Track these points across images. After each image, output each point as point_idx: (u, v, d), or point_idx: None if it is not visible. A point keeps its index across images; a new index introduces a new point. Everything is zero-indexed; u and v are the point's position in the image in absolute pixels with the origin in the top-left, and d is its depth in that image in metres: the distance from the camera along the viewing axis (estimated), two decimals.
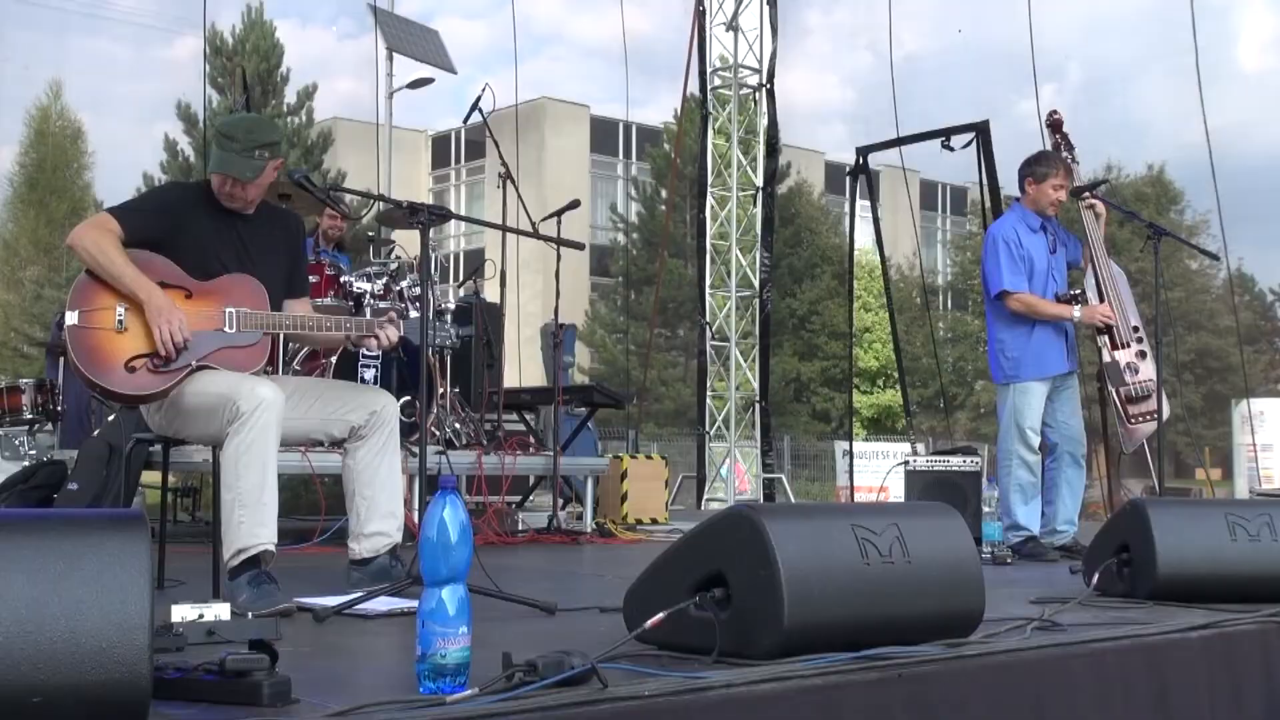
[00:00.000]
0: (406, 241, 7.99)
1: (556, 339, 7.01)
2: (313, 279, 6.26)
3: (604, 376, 26.07)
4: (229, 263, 3.84)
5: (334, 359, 6.50)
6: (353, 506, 3.94)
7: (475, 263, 30.22)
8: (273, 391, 3.58)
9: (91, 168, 27.86)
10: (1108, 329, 5.91)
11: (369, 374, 6.74)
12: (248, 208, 3.94)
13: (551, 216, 6.78)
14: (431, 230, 4.53)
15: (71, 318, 3.63)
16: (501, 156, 7.01)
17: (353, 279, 6.73)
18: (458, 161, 39.31)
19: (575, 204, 6.81)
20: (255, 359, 3.82)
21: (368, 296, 6.69)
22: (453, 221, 4.32)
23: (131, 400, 3.76)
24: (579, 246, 4.78)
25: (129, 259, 3.68)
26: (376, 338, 3.97)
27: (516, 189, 6.91)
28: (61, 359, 7.64)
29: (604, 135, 37.11)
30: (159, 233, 3.74)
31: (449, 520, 2.30)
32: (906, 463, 6.57)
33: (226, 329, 3.76)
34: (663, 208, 28.52)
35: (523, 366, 13.73)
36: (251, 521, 3.53)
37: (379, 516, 3.91)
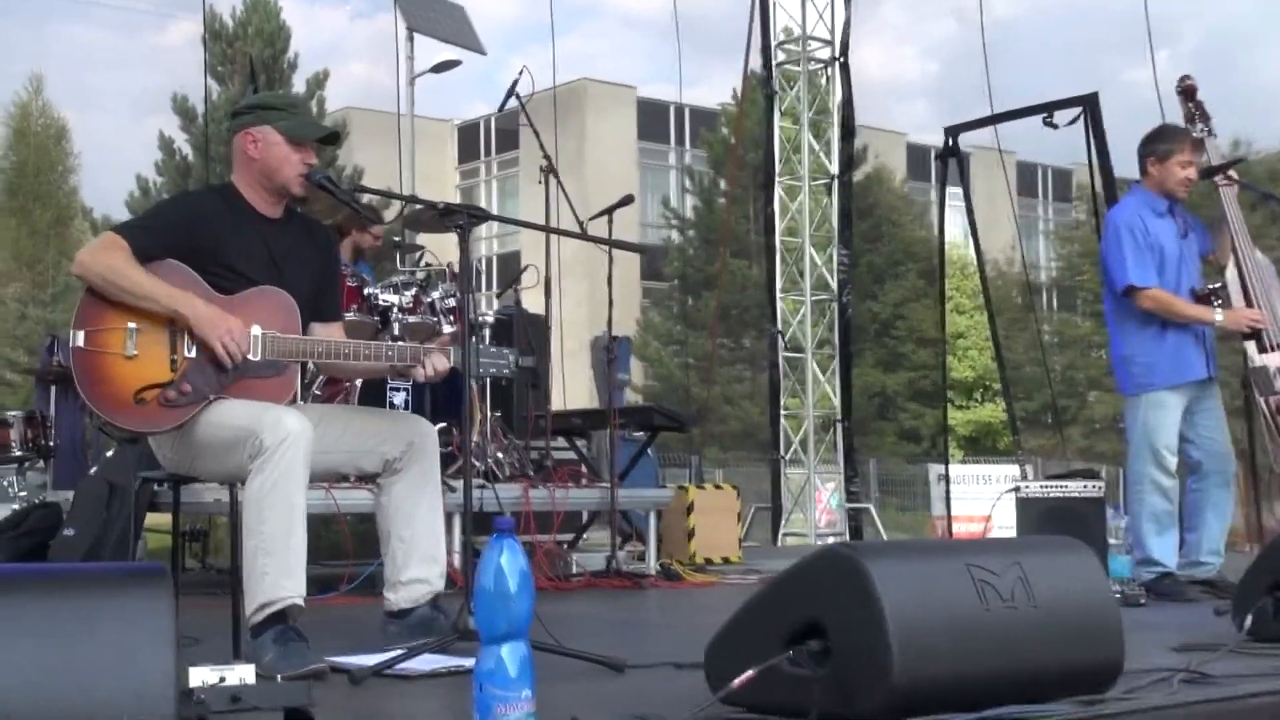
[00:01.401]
0: (436, 246, 8.05)
1: (610, 354, 7.01)
2: None
3: (659, 395, 26.07)
4: (256, 274, 3.85)
5: (359, 382, 6.53)
6: (388, 550, 3.95)
7: (510, 268, 30.44)
8: (300, 422, 3.59)
9: (78, 170, 28.22)
10: (1254, 332, 5.83)
11: (399, 398, 6.78)
12: (280, 207, 3.97)
13: (601, 215, 6.78)
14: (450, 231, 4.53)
15: (77, 338, 3.67)
16: (543, 148, 7.03)
17: (378, 291, 6.76)
18: (488, 154, 39.56)
19: (629, 200, 6.81)
20: (282, 392, 3.83)
21: (396, 310, 6.72)
22: (485, 222, 4.30)
23: (140, 435, 3.79)
24: (642, 250, 4.78)
25: (151, 273, 3.71)
26: (423, 367, 3.92)
27: (560, 184, 6.93)
28: (53, 388, 7.73)
29: (653, 120, 37.18)
30: (173, 250, 3.77)
31: (507, 567, 2.30)
32: (1017, 489, 6.51)
33: (251, 355, 3.77)
34: (722, 201, 28.49)
35: (567, 385, 13.74)
36: (277, 571, 3.53)
37: (418, 561, 3.92)
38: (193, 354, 3.74)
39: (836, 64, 12.63)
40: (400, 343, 4.13)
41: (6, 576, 1.91)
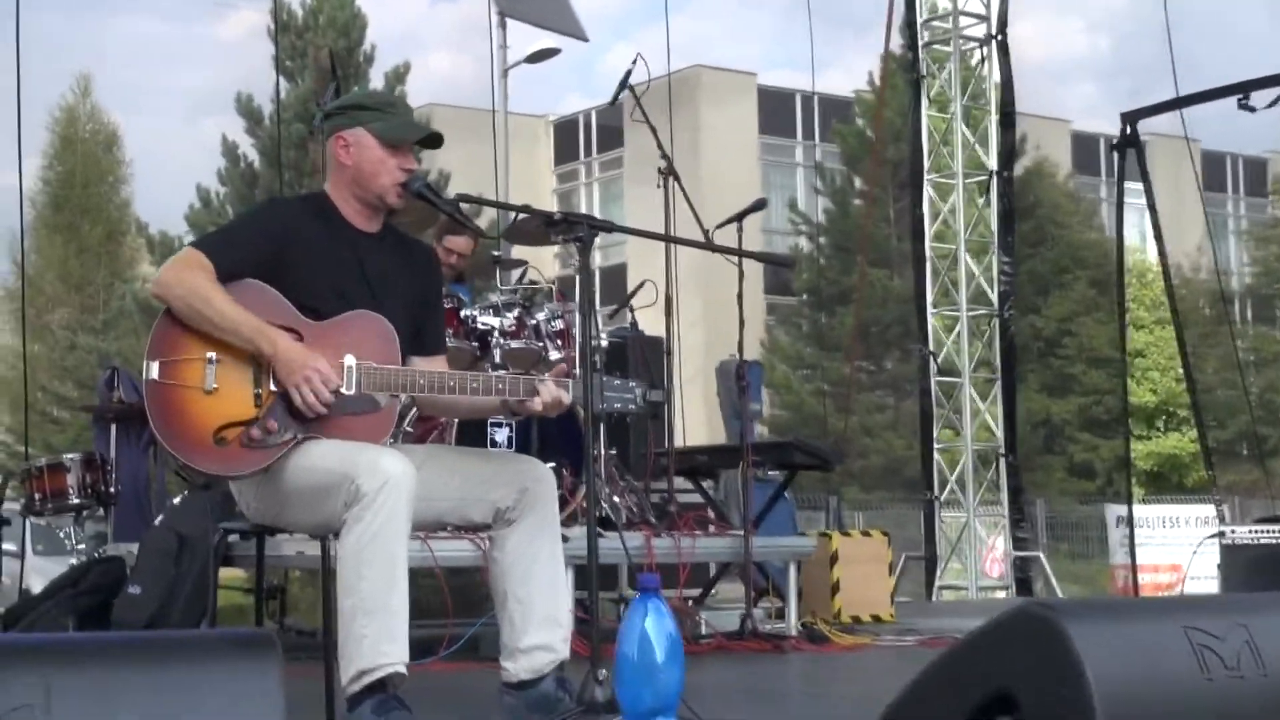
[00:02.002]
0: (539, 260, 8.10)
1: (742, 381, 7.01)
2: None
3: (789, 426, 26.02)
4: (351, 296, 3.90)
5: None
6: (504, 613, 3.96)
7: (615, 283, 30.54)
8: (402, 465, 3.63)
9: (130, 180, 28.89)
10: None
11: (501, 435, 6.82)
12: (376, 220, 4.02)
13: (729, 222, 6.81)
14: (564, 244, 4.52)
15: (152, 369, 3.74)
16: (661, 147, 7.06)
17: (476, 313, 6.82)
18: (588, 153, 39.85)
19: (761, 205, 6.84)
20: (380, 430, 3.87)
21: (496, 334, 6.78)
22: (607, 234, 4.32)
23: (219, 479, 3.86)
24: (786, 263, 4.78)
25: (235, 300, 3.77)
26: (540, 398, 3.91)
27: (682, 188, 6.95)
28: (113, 427, 7.89)
29: (777, 111, 37.23)
30: (259, 268, 3.84)
31: (654, 633, 2.30)
32: (1222, 534, 6.40)
33: (345, 389, 3.82)
34: (858, 202, 28.44)
35: (686, 416, 13.79)
36: (377, 634, 3.57)
37: (537, 624, 3.92)
38: (279, 388, 3.80)
39: (993, 42, 12.53)
40: (512, 374, 4.14)
41: (108, 644, 1.96)
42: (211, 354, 3.76)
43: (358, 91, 4.38)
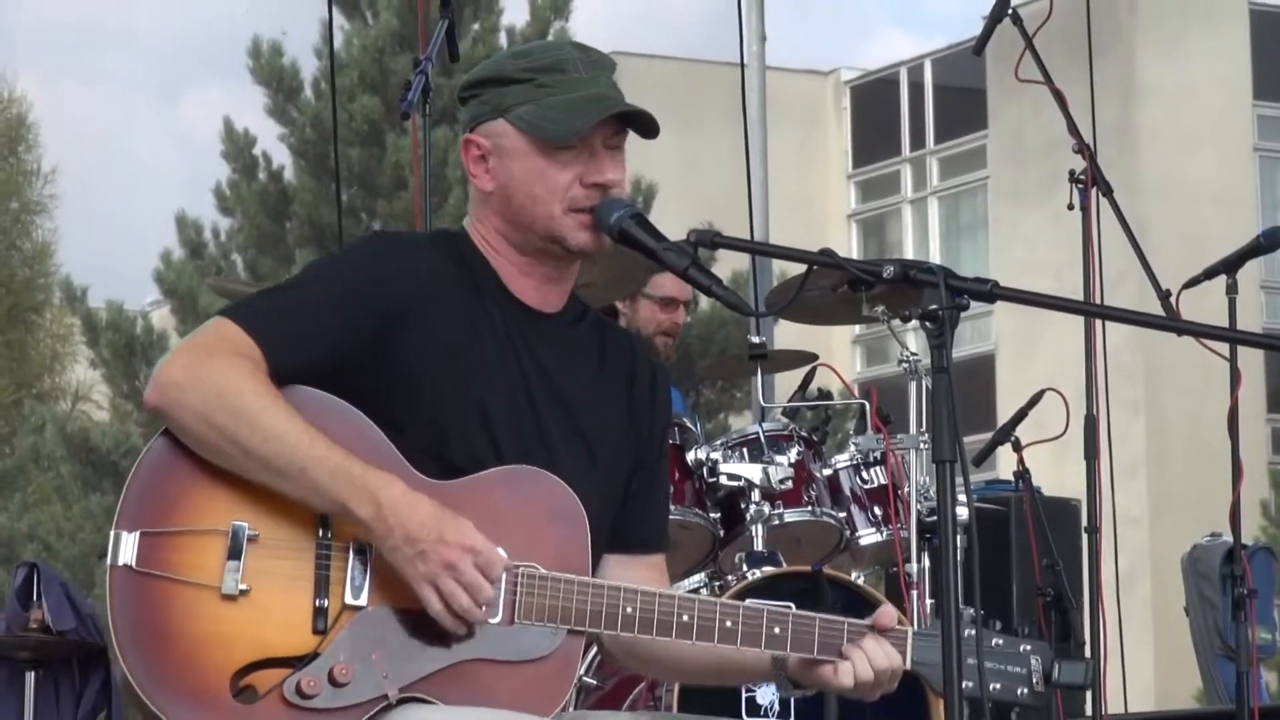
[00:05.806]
0: (823, 349, 8.13)
1: (1240, 587, 6.94)
2: None
3: None
4: (506, 437, 3.98)
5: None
6: None
7: (976, 390, 30.28)
8: None
9: (52, 209, 29.33)
10: None
11: (765, 693, 6.80)
12: (559, 289, 4.10)
13: (1212, 276, 6.78)
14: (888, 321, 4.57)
15: (125, 546, 3.82)
16: (1076, 131, 7.07)
17: (718, 455, 6.85)
18: (918, 145, 39.72)
19: (1275, 240, 6.80)
20: (549, 692, 3.94)
21: (754, 496, 6.80)
22: (990, 302, 4.30)
23: None
24: None
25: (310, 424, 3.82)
26: (849, 670, 4.00)
27: (1118, 213, 6.94)
28: (31, 675, 8.04)
29: None
30: (345, 367, 3.94)
31: None
32: None
33: (490, 617, 3.87)
34: None
35: (1125, 648, 13.75)
36: None
37: None
38: (361, 599, 3.86)
39: None
40: (816, 619, 4.12)
41: None
42: (242, 522, 3.82)
43: (498, 56, 4.31)
